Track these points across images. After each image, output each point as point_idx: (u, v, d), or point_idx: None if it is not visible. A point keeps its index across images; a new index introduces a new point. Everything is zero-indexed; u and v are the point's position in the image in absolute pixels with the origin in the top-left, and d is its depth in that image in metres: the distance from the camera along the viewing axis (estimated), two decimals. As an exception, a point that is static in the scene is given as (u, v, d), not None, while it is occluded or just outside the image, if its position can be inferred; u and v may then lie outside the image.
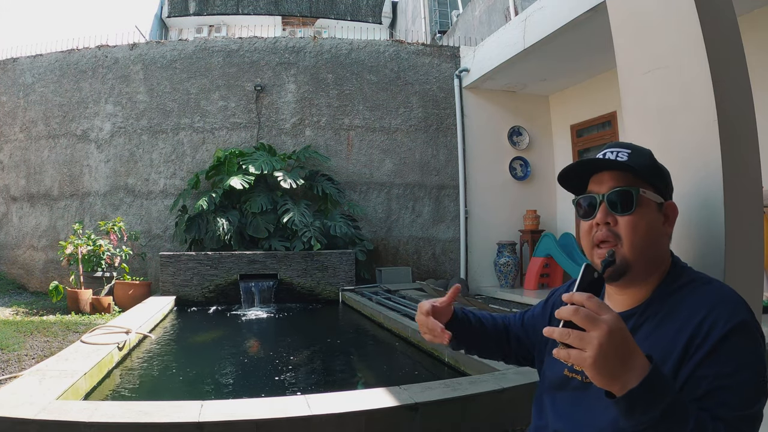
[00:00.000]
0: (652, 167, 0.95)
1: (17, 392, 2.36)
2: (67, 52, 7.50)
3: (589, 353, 0.67)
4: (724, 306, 0.81)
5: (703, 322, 0.80)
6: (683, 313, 0.84)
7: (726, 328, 0.78)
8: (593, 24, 4.65)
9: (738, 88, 1.21)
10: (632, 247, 0.90)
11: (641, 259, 0.90)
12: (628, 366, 0.68)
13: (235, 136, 7.30)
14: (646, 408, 0.68)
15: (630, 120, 1.39)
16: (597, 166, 0.96)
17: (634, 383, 0.68)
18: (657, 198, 0.94)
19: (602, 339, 0.67)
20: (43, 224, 7.30)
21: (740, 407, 0.75)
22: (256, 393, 2.95)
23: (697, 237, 1.15)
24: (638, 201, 0.91)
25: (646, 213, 0.91)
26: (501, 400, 2.33)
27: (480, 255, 7.00)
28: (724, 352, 0.77)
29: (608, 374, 0.68)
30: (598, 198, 0.94)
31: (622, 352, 0.68)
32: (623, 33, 1.41)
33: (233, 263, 6.22)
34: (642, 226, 0.90)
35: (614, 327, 0.68)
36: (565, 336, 0.69)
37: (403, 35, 13.82)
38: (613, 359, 0.67)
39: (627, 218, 0.91)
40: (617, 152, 0.95)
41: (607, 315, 0.69)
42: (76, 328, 4.47)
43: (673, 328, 0.84)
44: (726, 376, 0.76)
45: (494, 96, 7.32)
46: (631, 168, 0.91)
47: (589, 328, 0.68)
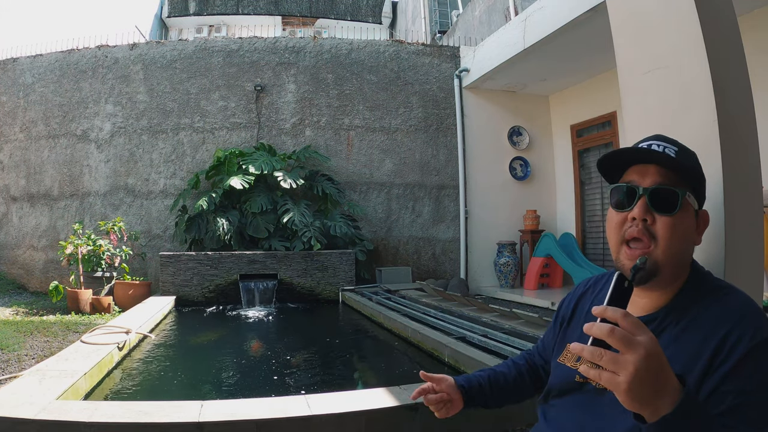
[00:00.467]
0: (697, 171, 0.91)
1: (17, 392, 2.36)
2: (67, 52, 7.50)
3: (623, 378, 0.63)
4: (749, 320, 0.79)
5: (728, 335, 0.78)
6: (707, 324, 0.82)
7: (752, 344, 0.76)
8: (593, 24, 4.65)
9: (738, 88, 1.21)
10: (667, 251, 0.86)
11: (671, 263, 0.87)
12: (663, 391, 0.64)
13: (235, 136, 7.30)
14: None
15: (630, 120, 1.39)
16: (646, 157, 0.90)
17: (667, 409, 0.64)
18: (695, 204, 0.91)
19: (639, 364, 0.62)
20: (43, 224, 7.30)
21: (763, 424, 0.73)
22: (256, 393, 2.95)
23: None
24: (682, 203, 0.86)
25: (685, 217, 0.87)
26: (501, 400, 2.33)
27: (480, 255, 7.00)
28: (748, 368, 0.75)
29: (641, 399, 0.64)
30: (640, 191, 0.88)
31: (658, 377, 0.64)
32: (623, 33, 1.41)
33: (233, 263, 6.22)
34: (680, 230, 0.86)
35: (652, 351, 0.63)
36: (598, 357, 0.64)
37: (403, 35, 13.83)
38: (648, 385, 0.63)
39: (667, 219, 0.86)
40: (665, 146, 0.90)
41: (644, 337, 0.64)
42: (76, 328, 4.47)
43: (697, 339, 0.81)
44: (750, 392, 0.74)
45: (494, 96, 7.32)
46: (680, 167, 0.87)
47: (625, 350, 0.63)
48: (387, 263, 7.23)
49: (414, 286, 6.52)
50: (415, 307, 5.04)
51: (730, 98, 1.16)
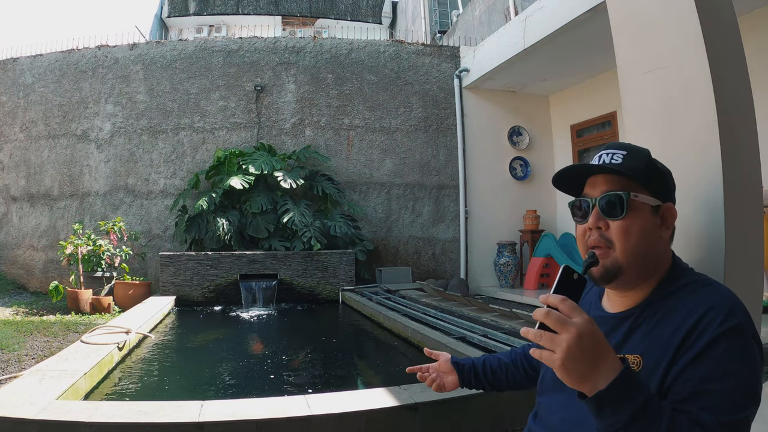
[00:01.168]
0: (648, 169, 0.93)
1: (17, 392, 2.36)
2: (67, 52, 7.50)
3: (557, 355, 0.70)
4: (719, 309, 0.80)
5: (697, 323, 0.79)
6: (680, 314, 0.83)
7: (718, 332, 0.77)
8: (593, 24, 4.65)
9: (738, 88, 1.21)
10: (624, 252, 0.89)
11: (634, 263, 0.89)
12: (599, 368, 0.70)
13: (235, 136, 7.30)
14: (614, 409, 0.70)
15: (630, 120, 1.39)
16: (589, 170, 0.96)
17: (602, 385, 0.70)
18: (652, 201, 0.92)
19: (570, 342, 0.69)
20: (43, 224, 7.30)
21: (722, 412, 0.73)
22: (256, 393, 2.95)
23: (697, 237, 1.15)
24: (629, 205, 0.90)
25: (638, 217, 0.90)
26: (501, 400, 2.33)
27: (480, 255, 6.99)
28: (712, 356, 0.76)
29: (577, 376, 0.70)
30: (591, 202, 0.94)
31: (592, 355, 0.70)
32: (623, 33, 1.41)
33: (233, 263, 6.22)
34: (634, 231, 0.89)
35: (584, 330, 0.70)
36: (538, 337, 0.72)
37: (403, 35, 13.83)
38: (582, 362, 0.69)
39: (618, 223, 0.90)
40: (612, 154, 0.94)
41: (578, 318, 0.71)
42: (76, 328, 4.47)
43: (669, 330, 0.83)
44: (711, 380, 0.75)
45: (494, 96, 7.32)
46: (624, 172, 0.91)
47: (560, 330, 0.70)
48: (387, 263, 7.23)
49: (414, 286, 6.52)
50: (415, 307, 5.04)
51: (730, 98, 1.16)
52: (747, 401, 0.75)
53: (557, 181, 1.02)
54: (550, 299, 0.74)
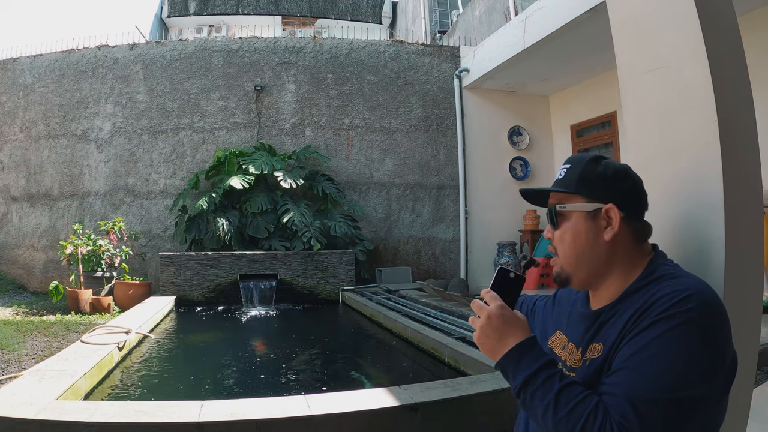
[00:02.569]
0: (580, 179, 0.97)
1: (17, 392, 2.36)
2: (67, 52, 7.50)
3: (475, 333, 0.92)
4: (672, 296, 0.80)
5: (647, 309, 0.82)
6: (638, 304, 0.86)
7: (660, 316, 0.79)
8: (593, 24, 4.65)
9: (738, 88, 1.21)
10: (564, 259, 0.99)
11: (575, 268, 0.97)
12: (505, 342, 0.88)
13: (235, 136, 7.30)
14: (513, 374, 0.86)
15: (630, 120, 1.39)
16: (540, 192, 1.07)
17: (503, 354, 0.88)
18: (585, 207, 0.95)
19: (482, 322, 0.91)
20: (43, 224, 7.30)
21: (635, 388, 0.74)
22: (256, 393, 2.95)
23: (697, 237, 1.15)
24: (558, 215, 0.99)
25: (571, 226, 0.97)
26: (501, 400, 2.33)
27: (480, 255, 6.99)
28: (646, 337, 0.78)
29: (489, 347, 0.90)
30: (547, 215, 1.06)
31: (499, 331, 0.89)
32: (623, 33, 1.41)
33: (233, 263, 6.22)
34: (567, 239, 0.98)
35: (493, 313, 0.90)
36: (471, 322, 0.94)
37: (403, 35, 13.82)
38: (491, 337, 0.89)
39: (557, 233, 1.00)
40: (562, 170, 1.03)
41: (492, 304, 0.91)
42: (76, 328, 4.47)
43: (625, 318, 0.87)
44: (635, 358, 0.77)
45: (494, 96, 7.32)
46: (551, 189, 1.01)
47: (478, 313, 0.92)
48: (387, 263, 7.23)
49: (414, 286, 6.52)
50: (415, 307, 5.04)
51: (730, 98, 1.16)
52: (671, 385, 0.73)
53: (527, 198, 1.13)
54: (482, 293, 0.94)
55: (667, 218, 1.19)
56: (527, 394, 0.83)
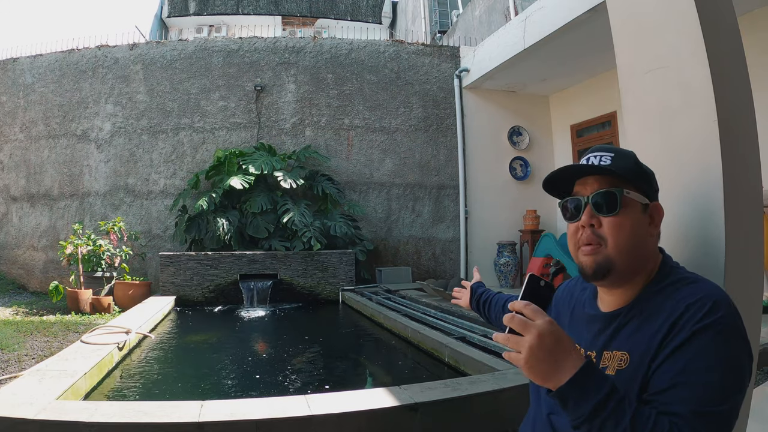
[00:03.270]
0: (636, 169, 0.96)
1: (17, 392, 2.36)
2: (67, 52, 7.50)
3: (522, 355, 0.75)
4: (702, 304, 0.81)
5: (679, 319, 0.81)
6: (665, 311, 0.85)
7: (700, 325, 0.78)
8: (593, 24, 4.65)
9: (738, 88, 1.21)
10: (616, 248, 0.91)
11: (625, 259, 0.91)
12: (561, 366, 0.74)
13: (235, 136, 7.30)
14: (577, 403, 0.74)
15: (630, 120, 1.39)
16: (581, 171, 0.98)
17: (564, 381, 0.74)
18: (642, 199, 0.94)
19: (532, 342, 0.74)
20: (43, 224, 7.30)
21: (696, 404, 0.74)
22: (256, 393, 2.95)
23: (697, 237, 1.15)
24: (622, 202, 0.92)
25: (630, 214, 0.92)
26: (501, 400, 2.33)
27: (480, 255, 6.99)
28: (692, 348, 0.77)
29: (541, 373, 0.75)
30: (583, 200, 0.95)
31: (554, 353, 0.74)
32: (623, 33, 1.41)
33: (233, 263, 6.22)
34: (627, 227, 0.91)
35: (545, 331, 0.75)
36: (506, 340, 0.77)
37: (403, 35, 13.82)
38: (545, 360, 0.74)
39: (611, 219, 0.92)
40: (600, 156, 0.96)
41: (540, 320, 0.75)
42: (76, 328, 4.47)
43: (654, 326, 0.85)
44: (688, 372, 0.76)
45: (494, 96, 7.32)
46: (615, 171, 0.93)
47: (523, 332, 0.75)
48: (387, 263, 7.23)
49: (414, 286, 6.52)
50: (415, 307, 5.04)
51: (730, 98, 1.16)
52: (725, 395, 0.75)
53: (549, 183, 1.04)
54: (516, 305, 0.78)
55: (667, 218, 1.19)
56: (595, 424, 0.73)
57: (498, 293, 1.51)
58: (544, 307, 0.81)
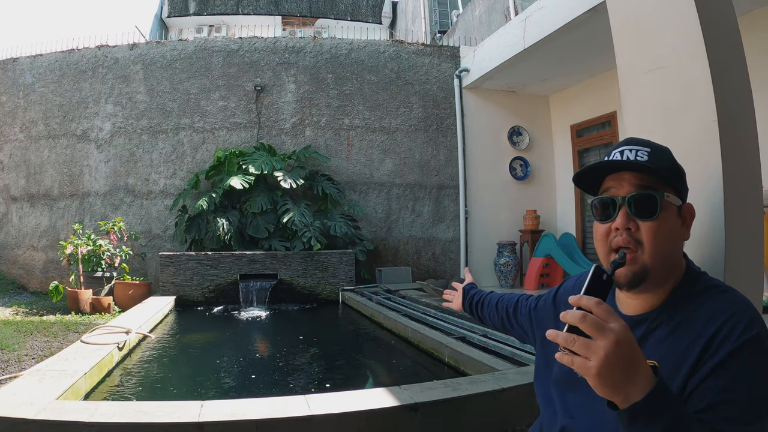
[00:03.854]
0: (673, 168, 0.91)
1: (17, 392, 2.36)
2: (67, 52, 7.50)
3: (594, 363, 0.65)
4: (739, 318, 0.78)
5: (717, 332, 0.78)
6: (699, 322, 0.81)
7: (739, 342, 0.76)
8: (593, 24, 4.65)
9: (738, 88, 1.21)
10: (655, 254, 0.86)
11: (661, 266, 0.86)
12: (633, 378, 0.67)
13: (235, 136, 7.30)
14: (647, 423, 0.66)
15: (630, 120, 1.39)
16: (617, 167, 0.91)
17: (637, 397, 0.66)
18: (677, 201, 0.90)
19: (609, 349, 0.65)
20: (43, 224, 7.30)
21: (743, 422, 0.72)
22: (256, 393, 2.95)
23: (697, 237, 1.15)
24: (662, 205, 0.86)
25: (668, 218, 0.87)
26: (501, 400, 2.33)
27: (480, 255, 6.99)
28: (733, 366, 0.75)
29: (612, 385, 0.66)
30: (619, 201, 0.89)
31: (628, 363, 0.66)
32: (623, 33, 1.41)
33: (233, 263, 6.22)
34: (665, 232, 0.86)
35: (622, 337, 0.66)
36: (571, 342, 0.67)
37: (403, 35, 13.82)
38: (619, 370, 0.66)
39: (650, 224, 0.86)
40: (637, 150, 0.90)
41: (616, 324, 0.67)
42: (76, 328, 4.47)
43: (688, 337, 0.81)
44: (732, 390, 0.74)
45: (494, 96, 7.32)
46: (653, 169, 0.87)
47: (596, 336, 0.66)
48: (387, 263, 7.23)
49: (414, 286, 6.52)
50: (415, 307, 5.04)
51: (730, 98, 1.16)
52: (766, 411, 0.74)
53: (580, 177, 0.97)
54: (584, 301, 0.68)
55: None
56: None
57: (491, 292, 1.47)
58: None
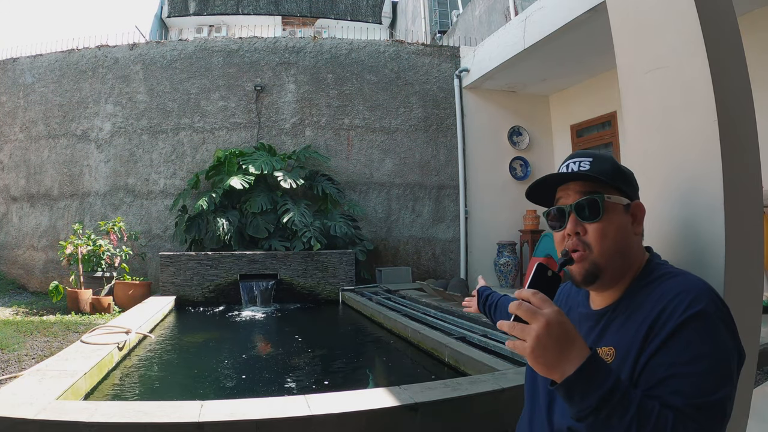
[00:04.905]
0: (615, 171, 0.97)
1: (17, 392, 2.36)
2: (67, 52, 7.50)
3: (528, 344, 0.74)
4: (684, 295, 0.82)
5: (663, 311, 0.82)
6: (648, 305, 0.86)
7: (683, 317, 0.79)
8: (593, 24, 4.65)
9: (738, 88, 1.21)
10: (603, 253, 0.92)
11: (612, 263, 0.92)
12: (567, 356, 0.73)
13: (235, 136, 7.30)
14: (582, 395, 0.73)
15: (630, 120, 1.39)
16: (561, 178, 0.98)
17: (570, 371, 0.73)
18: (623, 200, 0.95)
19: (540, 331, 0.73)
20: (43, 224, 7.30)
21: (693, 395, 0.74)
22: (256, 393, 2.95)
23: (697, 237, 1.15)
24: (604, 207, 0.93)
25: (613, 217, 0.93)
26: (501, 400, 2.33)
27: (480, 255, 6.99)
28: (679, 341, 0.78)
29: (547, 363, 0.74)
30: (567, 209, 0.96)
31: (560, 343, 0.73)
32: (623, 33, 1.41)
33: (233, 263, 6.22)
34: (611, 231, 0.93)
35: (552, 320, 0.74)
36: (512, 328, 0.76)
37: (403, 35, 13.82)
38: (551, 350, 0.73)
39: (595, 225, 0.93)
40: (579, 162, 0.97)
41: (548, 309, 0.75)
42: (76, 328, 4.47)
43: (638, 321, 0.86)
44: (679, 364, 0.77)
45: (494, 96, 7.32)
46: (595, 176, 0.94)
47: (530, 320, 0.74)
48: (387, 263, 7.23)
49: (414, 286, 6.52)
50: (415, 307, 5.04)
51: (730, 98, 1.16)
52: (717, 383, 0.76)
53: (531, 194, 1.04)
54: (523, 293, 0.77)
55: (667, 218, 1.19)
56: (602, 415, 0.72)
57: (504, 295, 1.53)
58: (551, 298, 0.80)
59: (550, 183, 1.01)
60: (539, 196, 1.05)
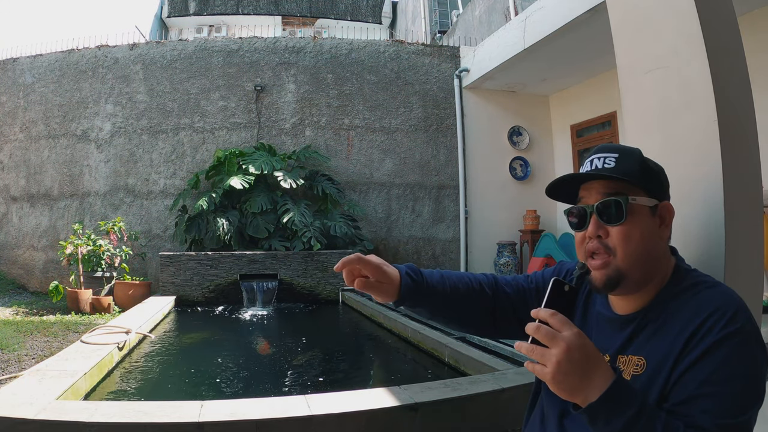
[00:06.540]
0: (642, 170, 0.91)
1: (17, 392, 2.36)
2: (67, 52, 7.50)
3: (548, 369, 0.71)
4: (723, 312, 0.78)
5: (700, 327, 0.78)
6: (684, 317, 0.82)
7: (720, 335, 0.76)
8: (593, 24, 4.65)
9: (738, 88, 1.21)
10: (626, 258, 0.87)
11: (637, 268, 0.87)
12: (590, 381, 0.71)
13: (235, 136, 7.30)
14: (607, 420, 0.71)
15: (630, 120, 1.39)
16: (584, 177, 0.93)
17: (594, 397, 0.71)
18: (649, 201, 0.90)
19: (560, 356, 0.71)
20: (43, 224, 7.30)
21: (721, 416, 0.72)
22: (256, 393, 2.95)
23: (697, 237, 1.15)
24: (628, 210, 0.87)
25: (638, 220, 0.88)
26: (501, 400, 2.33)
27: (480, 255, 7.00)
28: (713, 359, 0.75)
29: (569, 388, 0.72)
30: (588, 209, 0.91)
31: (582, 367, 0.71)
32: (623, 33, 1.41)
33: (233, 263, 6.22)
34: (635, 235, 0.87)
35: (573, 344, 0.71)
36: (530, 351, 0.73)
37: (403, 35, 13.82)
38: (573, 375, 0.71)
39: (618, 228, 0.88)
40: (604, 158, 0.92)
41: (568, 332, 0.72)
42: (76, 328, 4.47)
43: (673, 332, 0.82)
44: (711, 383, 0.74)
45: (494, 96, 7.33)
46: (620, 174, 0.89)
47: (550, 345, 0.72)
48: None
49: (414, 286, 6.51)
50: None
51: (730, 98, 1.16)
52: (747, 405, 0.74)
53: (551, 192, 0.99)
54: (541, 313, 0.75)
55: (667, 218, 1.19)
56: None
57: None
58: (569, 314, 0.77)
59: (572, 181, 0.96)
60: (560, 193, 0.99)
